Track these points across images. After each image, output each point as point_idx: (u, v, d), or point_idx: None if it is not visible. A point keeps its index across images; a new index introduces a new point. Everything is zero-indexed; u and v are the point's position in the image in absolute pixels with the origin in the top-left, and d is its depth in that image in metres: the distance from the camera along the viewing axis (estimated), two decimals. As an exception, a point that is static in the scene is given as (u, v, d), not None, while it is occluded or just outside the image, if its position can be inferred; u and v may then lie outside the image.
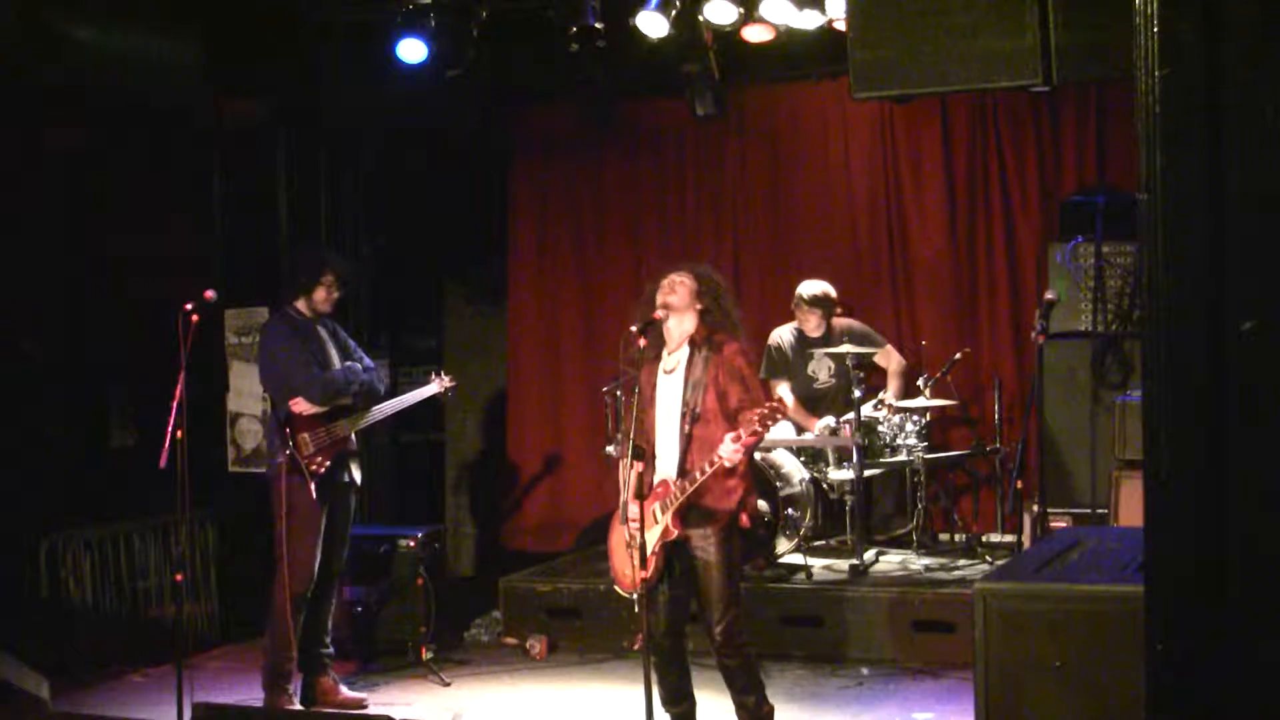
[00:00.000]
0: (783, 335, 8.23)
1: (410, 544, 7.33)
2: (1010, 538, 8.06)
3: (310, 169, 8.75)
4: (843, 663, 6.99)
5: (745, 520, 5.36)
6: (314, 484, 6.32)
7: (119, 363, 8.52)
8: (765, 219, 9.17)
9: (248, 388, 8.37)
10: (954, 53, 5.28)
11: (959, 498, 8.48)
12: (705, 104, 8.25)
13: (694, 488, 5.14)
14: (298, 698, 6.43)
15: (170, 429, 5.68)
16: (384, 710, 6.25)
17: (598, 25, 7.30)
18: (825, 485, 7.82)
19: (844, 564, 7.57)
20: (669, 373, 5.37)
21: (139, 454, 7.36)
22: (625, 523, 5.24)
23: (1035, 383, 7.18)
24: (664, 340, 5.39)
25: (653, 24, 7.51)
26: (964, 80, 5.45)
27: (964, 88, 6.36)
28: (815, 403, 8.11)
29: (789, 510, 7.48)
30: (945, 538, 8.31)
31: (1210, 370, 3.01)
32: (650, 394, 5.40)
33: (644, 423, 5.34)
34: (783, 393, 7.93)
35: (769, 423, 5.04)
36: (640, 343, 5.31)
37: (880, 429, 7.79)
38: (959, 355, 7.93)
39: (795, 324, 8.18)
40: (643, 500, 5.08)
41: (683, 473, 5.21)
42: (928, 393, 7.76)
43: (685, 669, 5.43)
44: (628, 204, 9.45)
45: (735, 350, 5.33)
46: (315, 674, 6.53)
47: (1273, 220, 2.98)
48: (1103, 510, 7.36)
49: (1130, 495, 7.01)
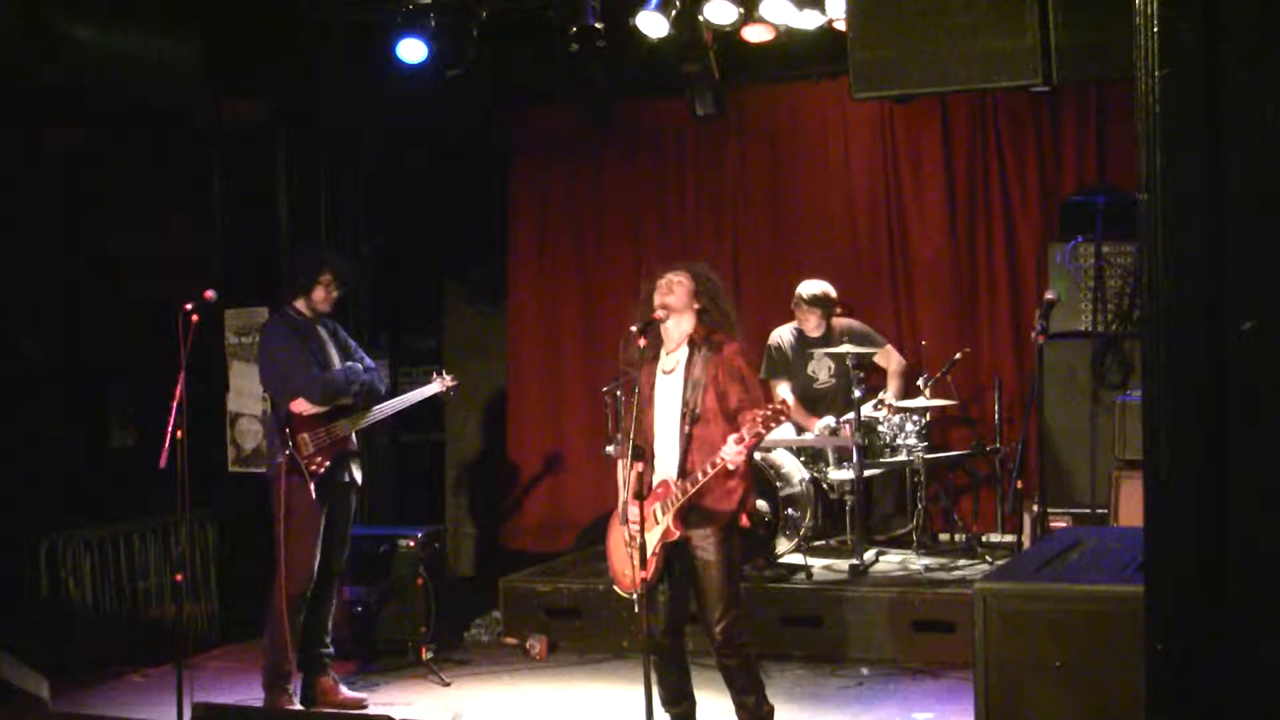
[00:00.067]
0: (783, 335, 8.23)
1: (410, 544, 7.34)
2: (1010, 538, 8.06)
3: (310, 169, 8.74)
4: (843, 663, 6.99)
5: (745, 520, 5.36)
6: (313, 484, 6.32)
7: (119, 363, 8.51)
8: (765, 219, 9.16)
9: (248, 388, 8.37)
10: (954, 53, 5.28)
11: (959, 498, 8.48)
12: (705, 104, 8.25)
13: (695, 489, 5.14)
14: (298, 698, 6.43)
15: (170, 429, 5.68)
16: (384, 710, 6.25)
17: (598, 25, 7.30)
18: (825, 485, 7.82)
19: (844, 564, 7.57)
20: (668, 373, 5.36)
21: (139, 454, 7.36)
22: (625, 523, 5.23)
23: (1035, 383, 7.18)
24: (662, 340, 5.39)
25: (653, 24, 7.51)
26: (964, 80, 5.45)
27: (964, 88, 6.37)
28: (815, 403, 8.11)
29: (789, 510, 7.48)
30: (945, 538, 8.31)
31: (1210, 370, 3.02)
32: (649, 394, 5.38)
33: (643, 423, 5.33)
34: (783, 393, 7.94)
35: (772, 424, 5.03)
36: (640, 343, 5.30)
37: (880, 429, 7.79)
38: (959, 355, 7.93)
39: (795, 324, 8.18)
40: (643, 501, 5.07)
41: (683, 473, 5.20)
42: (928, 393, 7.76)
43: (685, 669, 5.43)
44: (628, 204, 9.45)
45: (735, 350, 5.33)
46: (315, 674, 6.53)
47: (1273, 220, 2.98)
48: (1103, 510, 7.36)
49: (1130, 495, 7.01)
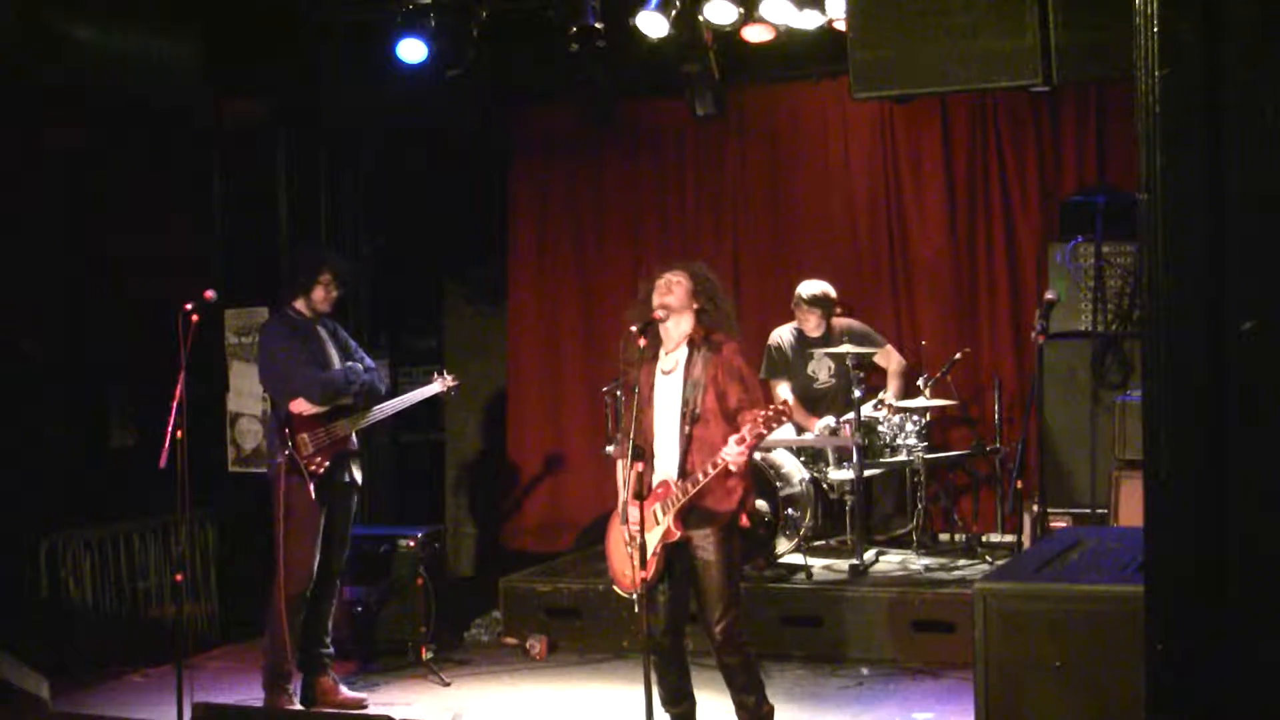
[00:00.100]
0: (783, 335, 8.23)
1: (410, 544, 7.34)
2: (1010, 538, 8.06)
3: (310, 169, 8.74)
4: (843, 663, 6.98)
5: (745, 520, 5.35)
6: (313, 484, 6.32)
7: (119, 363, 8.51)
8: (765, 219, 9.16)
9: (248, 388, 8.37)
10: (954, 53, 5.28)
11: (959, 498, 8.48)
12: (705, 104, 8.24)
13: (696, 489, 5.13)
14: (298, 698, 6.43)
15: (170, 429, 5.68)
16: (384, 710, 6.25)
17: (598, 25, 7.29)
18: (825, 485, 7.82)
19: (844, 564, 7.57)
20: (667, 373, 5.35)
21: (139, 454, 7.36)
22: (625, 523, 5.23)
23: (1035, 383, 7.18)
24: (661, 340, 5.38)
25: (653, 24, 7.51)
26: (964, 80, 5.45)
27: (964, 88, 6.37)
28: (815, 403, 8.11)
29: (789, 510, 7.48)
30: (945, 538, 8.31)
31: (1210, 370, 3.01)
32: (648, 394, 5.37)
33: (642, 423, 5.32)
34: (783, 393, 7.94)
35: (774, 425, 5.02)
36: (640, 343, 5.30)
37: (880, 429, 7.79)
38: (959, 355, 7.93)
39: (795, 324, 8.18)
40: (643, 501, 5.07)
41: (683, 473, 5.20)
42: (928, 393, 7.76)
43: (685, 669, 5.43)
44: (628, 204, 9.45)
45: (734, 350, 5.32)
46: (315, 674, 6.52)
47: (1273, 220, 2.98)
48: (1103, 510, 7.36)
49: (1130, 495, 7.01)
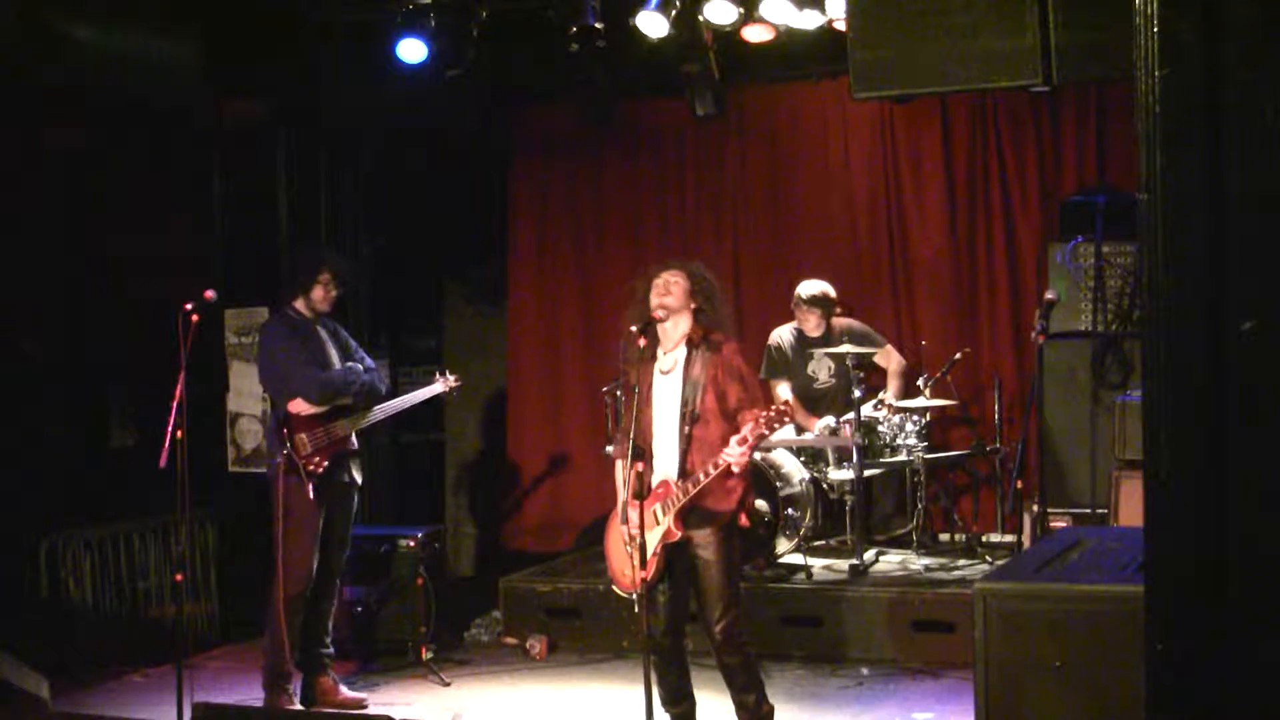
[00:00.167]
0: (782, 335, 8.23)
1: (410, 544, 7.34)
2: (1010, 538, 8.06)
3: (310, 169, 8.74)
4: (843, 663, 6.98)
5: (745, 520, 5.35)
6: (311, 484, 6.31)
7: (119, 363, 8.51)
8: (765, 219, 9.16)
9: (248, 388, 8.37)
10: (954, 53, 5.28)
11: (959, 498, 8.48)
12: (705, 104, 8.24)
13: (697, 490, 5.13)
14: (298, 698, 6.43)
15: (170, 429, 5.67)
16: (384, 710, 6.25)
17: (598, 25, 7.29)
18: (825, 485, 7.82)
19: (844, 564, 7.57)
20: (666, 373, 5.34)
21: (139, 454, 7.36)
22: (625, 523, 5.23)
23: (1035, 383, 7.17)
24: (659, 340, 5.37)
25: (653, 24, 7.51)
26: (964, 80, 5.45)
27: (964, 88, 6.37)
28: (815, 403, 8.11)
29: (789, 510, 7.47)
30: (945, 538, 8.31)
31: (1210, 370, 3.01)
32: (647, 394, 5.36)
33: (641, 423, 5.31)
34: (783, 393, 7.94)
35: (775, 425, 5.01)
36: (640, 343, 5.30)
37: (880, 429, 7.79)
38: (959, 355, 7.93)
39: (795, 324, 8.18)
40: (643, 501, 5.07)
41: (683, 473, 5.19)
42: (928, 393, 7.76)
43: (685, 669, 5.43)
44: (628, 204, 9.45)
45: (734, 350, 5.32)
46: (315, 674, 6.52)
47: (1273, 220, 2.98)
48: (1103, 510, 7.36)
49: (1130, 495, 7.01)
